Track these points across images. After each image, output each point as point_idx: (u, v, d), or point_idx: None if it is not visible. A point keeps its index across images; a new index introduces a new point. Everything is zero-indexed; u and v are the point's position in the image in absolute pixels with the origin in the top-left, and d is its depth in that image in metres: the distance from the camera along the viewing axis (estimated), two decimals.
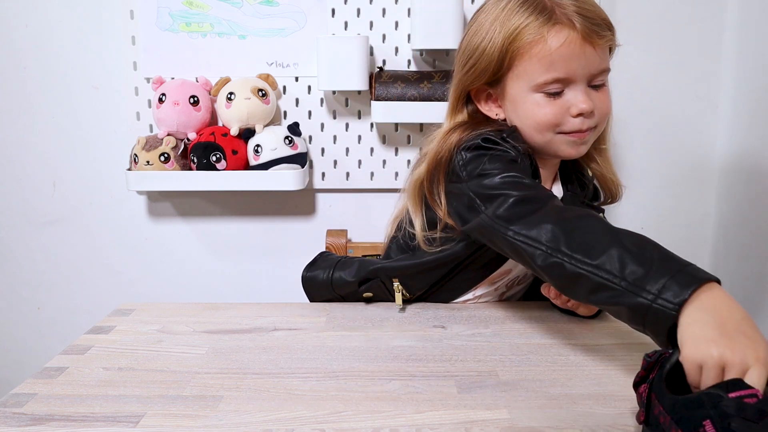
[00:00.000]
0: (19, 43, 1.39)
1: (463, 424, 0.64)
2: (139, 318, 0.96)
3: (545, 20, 0.83)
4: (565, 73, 0.85)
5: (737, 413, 0.48)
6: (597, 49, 0.84)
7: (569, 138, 0.88)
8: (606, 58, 0.87)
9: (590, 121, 0.87)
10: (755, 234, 1.30)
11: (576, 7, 0.83)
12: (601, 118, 0.89)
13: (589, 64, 0.85)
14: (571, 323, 0.91)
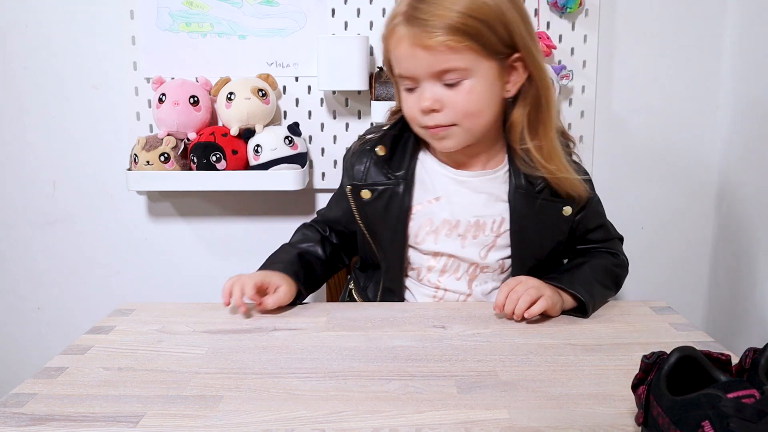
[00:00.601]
0: (19, 43, 1.39)
1: (463, 424, 0.64)
2: (139, 318, 0.96)
3: (389, 22, 0.91)
4: (405, 71, 0.89)
5: (736, 413, 0.48)
6: (429, 51, 0.85)
7: (428, 132, 0.92)
8: (449, 59, 0.86)
9: (441, 118, 0.90)
10: (755, 234, 1.30)
11: (410, 10, 0.86)
12: (457, 115, 0.90)
13: (423, 64, 0.87)
14: (571, 323, 0.92)
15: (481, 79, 0.88)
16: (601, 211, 1.05)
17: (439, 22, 0.84)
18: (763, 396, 0.49)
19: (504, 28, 0.86)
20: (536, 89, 0.91)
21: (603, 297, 0.96)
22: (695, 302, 1.48)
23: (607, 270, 0.99)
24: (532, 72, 0.90)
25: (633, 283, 1.48)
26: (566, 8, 1.32)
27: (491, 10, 0.85)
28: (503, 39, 0.87)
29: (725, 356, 0.58)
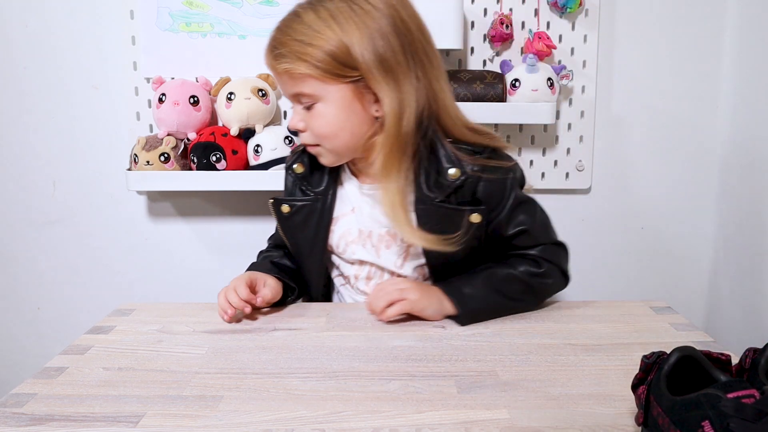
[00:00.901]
0: (19, 43, 1.39)
1: (463, 424, 0.64)
2: (139, 318, 0.96)
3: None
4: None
5: (735, 413, 0.48)
6: (280, 77, 0.90)
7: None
8: (295, 84, 0.88)
9: (306, 137, 0.93)
10: (755, 234, 1.30)
11: (271, 36, 0.90)
12: (315, 137, 0.92)
13: (283, 88, 0.92)
14: (571, 323, 0.92)
15: (330, 102, 0.88)
16: (524, 214, 0.95)
17: (284, 49, 0.87)
18: (763, 396, 0.49)
19: (343, 52, 0.85)
20: (384, 114, 0.88)
21: (498, 306, 0.92)
22: (695, 302, 1.48)
23: (511, 278, 0.93)
24: (378, 95, 0.87)
25: (633, 283, 1.48)
26: (566, 8, 1.32)
27: (328, 36, 0.85)
28: (344, 62, 0.85)
29: (725, 356, 0.58)
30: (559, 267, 0.96)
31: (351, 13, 0.85)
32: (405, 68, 0.87)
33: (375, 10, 0.86)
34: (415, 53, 0.88)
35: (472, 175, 0.91)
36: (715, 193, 1.44)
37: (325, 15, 0.86)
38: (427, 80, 0.89)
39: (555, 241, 0.98)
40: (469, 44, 1.36)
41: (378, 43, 0.85)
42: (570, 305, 0.99)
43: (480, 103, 1.28)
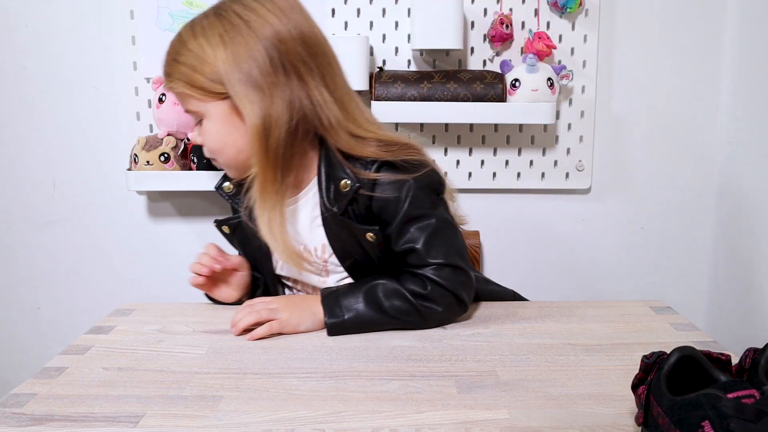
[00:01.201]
0: (19, 43, 1.39)
1: (463, 424, 0.64)
2: (139, 318, 0.96)
3: None
4: None
5: (736, 413, 0.48)
6: (172, 92, 0.92)
7: None
8: (183, 101, 0.91)
9: (205, 152, 0.96)
10: (755, 234, 1.30)
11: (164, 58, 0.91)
12: (210, 152, 0.94)
13: (179, 102, 0.93)
14: (571, 323, 0.92)
15: (212, 118, 0.90)
16: (417, 231, 0.91)
17: (167, 68, 0.91)
18: (763, 396, 0.49)
19: (210, 69, 0.86)
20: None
21: (375, 321, 0.89)
22: (695, 302, 1.48)
23: (398, 295, 0.89)
24: (241, 111, 0.87)
25: (633, 283, 1.48)
26: (566, 8, 1.32)
27: (196, 54, 0.87)
28: (212, 79, 0.87)
29: (725, 356, 0.58)
30: (452, 292, 0.90)
31: (221, 29, 0.86)
32: (274, 83, 0.86)
33: (246, 25, 0.86)
34: (292, 66, 0.87)
35: (362, 193, 0.90)
36: (715, 193, 1.44)
37: (198, 32, 0.87)
38: (305, 93, 0.88)
39: (453, 264, 0.90)
40: (469, 44, 1.36)
41: (243, 60, 0.85)
42: (570, 305, 0.99)
43: (480, 103, 1.28)
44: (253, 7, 0.88)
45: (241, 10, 0.87)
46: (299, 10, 0.91)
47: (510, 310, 0.97)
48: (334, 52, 0.95)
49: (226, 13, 0.87)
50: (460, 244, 0.94)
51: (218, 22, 0.87)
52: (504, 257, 1.47)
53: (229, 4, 0.89)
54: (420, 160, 0.93)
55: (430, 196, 0.94)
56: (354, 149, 0.91)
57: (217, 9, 0.89)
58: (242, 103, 0.86)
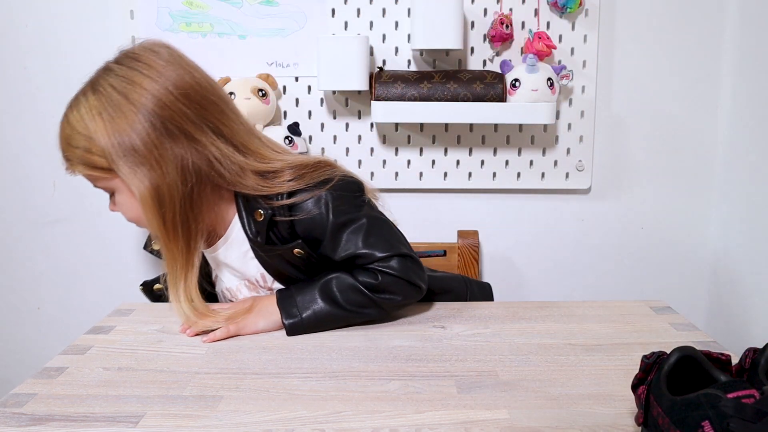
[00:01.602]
0: (19, 43, 1.39)
1: (463, 424, 0.64)
2: (139, 318, 0.96)
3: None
4: None
5: (735, 413, 0.48)
6: (76, 175, 0.92)
7: None
8: (93, 180, 0.91)
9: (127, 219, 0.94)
10: (755, 233, 1.30)
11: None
12: (131, 220, 0.93)
13: (77, 173, 0.92)
14: (571, 323, 0.92)
15: (121, 191, 0.89)
16: (352, 236, 0.91)
17: (64, 154, 0.91)
18: (762, 396, 0.49)
19: (98, 148, 0.85)
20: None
21: (333, 317, 0.90)
22: (695, 302, 1.48)
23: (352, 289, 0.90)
24: (131, 189, 0.86)
25: (633, 283, 1.48)
26: (566, 8, 1.32)
27: (83, 137, 0.86)
28: (106, 157, 0.86)
29: (725, 356, 0.58)
30: (405, 280, 0.91)
31: (100, 107, 0.85)
32: (160, 154, 0.85)
33: (123, 98, 0.85)
34: (179, 129, 0.86)
35: (280, 219, 0.91)
36: (715, 193, 1.44)
37: (82, 113, 0.87)
38: (198, 153, 0.87)
39: (398, 253, 0.91)
40: (469, 44, 1.36)
41: (124, 135, 0.84)
42: (570, 305, 0.99)
43: (480, 103, 1.28)
44: (128, 76, 0.86)
45: (117, 82, 0.86)
46: (178, 62, 0.90)
47: (510, 310, 0.97)
48: (224, 93, 0.94)
49: (103, 89, 0.86)
50: (397, 234, 0.96)
51: (96, 99, 0.86)
52: (504, 257, 1.47)
53: (105, 78, 0.87)
54: (330, 175, 0.94)
55: (351, 199, 0.94)
56: (264, 190, 0.91)
57: (94, 85, 0.87)
58: (129, 179, 0.85)
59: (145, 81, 0.86)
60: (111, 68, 0.88)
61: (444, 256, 1.35)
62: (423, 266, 0.95)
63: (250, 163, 0.91)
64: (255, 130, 0.96)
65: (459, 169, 1.41)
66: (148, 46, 0.90)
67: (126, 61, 0.88)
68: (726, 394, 0.50)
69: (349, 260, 0.92)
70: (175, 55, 0.91)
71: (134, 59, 0.88)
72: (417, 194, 1.43)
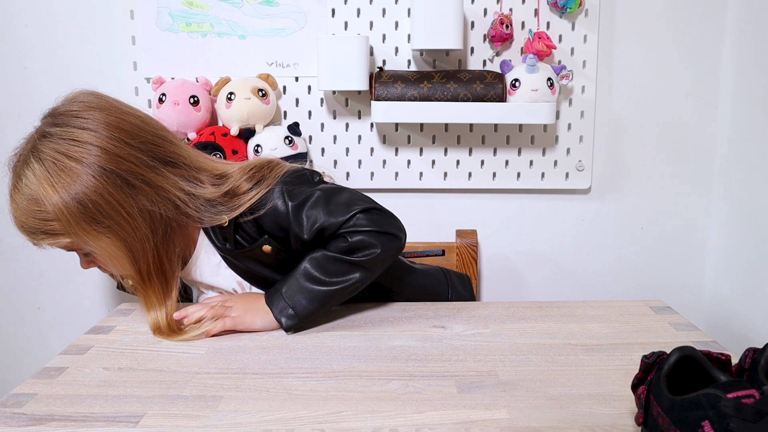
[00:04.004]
0: (19, 43, 1.39)
1: (463, 424, 0.64)
2: (139, 318, 0.96)
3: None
4: None
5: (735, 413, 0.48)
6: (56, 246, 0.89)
7: None
8: (56, 245, 0.88)
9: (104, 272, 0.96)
10: (755, 233, 1.30)
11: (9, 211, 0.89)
12: (111, 273, 0.95)
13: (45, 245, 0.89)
14: (571, 323, 0.92)
15: (96, 248, 0.87)
16: (311, 211, 0.91)
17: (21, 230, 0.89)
18: (762, 396, 0.49)
19: (59, 219, 0.83)
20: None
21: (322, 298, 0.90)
22: (695, 302, 1.48)
23: (329, 260, 0.90)
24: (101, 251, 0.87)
25: (633, 283, 1.48)
26: (566, 8, 1.32)
27: (39, 210, 0.84)
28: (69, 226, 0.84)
29: (725, 356, 0.58)
30: (377, 231, 0.90)
31: (52, 178, 0.82)
32: (127, 212, 0.84)
33: (76, 163, 0.82)
34: (136, 177, 0.85)
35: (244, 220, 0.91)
36: (714, 193, 1.44)
37: (34, 187, 0.83)
38: (162, 198, 0.87)
39: (361, 209, 0.91)
40: (469, 44, 1.36)
41: (85, 203, 0.82)
42: (570, 305, 0.99)
43: (480, 103, 1.28)
44: (70, 136, 0.83)
45: (60, 146, 0.82)
46: (112, 106, 0.88)
47: (510, 310, 0.97)
48: (158, 122, 0.93)
49: (49, 156, 0.82)
50: (357, 194, 0.95)
51: (44, 170, 0.82)
52: (504, 257, 1.47)
53: (46, 144, 0.83)
54: (279, 169, 0.95)
55: (302, 181, 0.95)
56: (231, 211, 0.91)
57: (36, 154, 0.83)
58: (98, 242, 0.85)
59: (88, 136, 0.83)
60: (48, 132, 0.84)
61: (443, 255, 1.36)
62: (394, 216, 0.95)
63: (213, 191, 0.90)
64: (191, 147, 0.97)
65: (459, 169, 1.41)
66: (75, 98, 0.89)
67: (61, 120, 0.85)
68: (726, 394, 0.50)
69: (318, 234, 0.91)
70: (105, 99, 0.89)
71: (68, 116, 0.85)
72: (417, 194, 1.43)
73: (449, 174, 1.41)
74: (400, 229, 0.94)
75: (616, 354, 0.81)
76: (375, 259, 0.91)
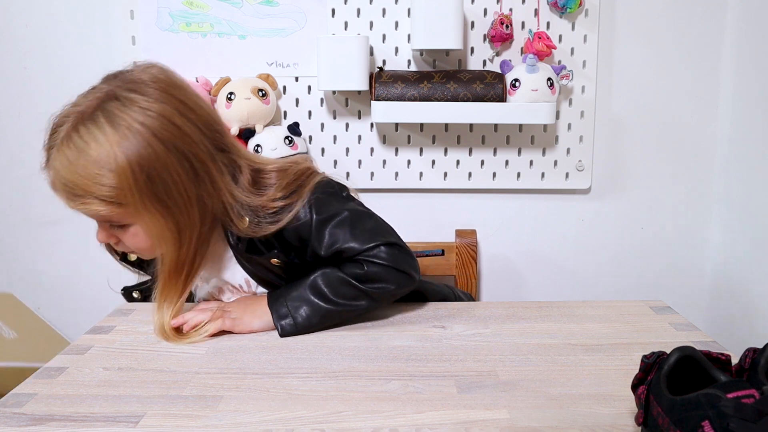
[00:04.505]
0: (19, 43, 1.39)
1: (463, 424, 0.64)
2: (139, 318, 0.96)
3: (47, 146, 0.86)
4: None
5: (735, 413, 0.48)
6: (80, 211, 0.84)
7: None
8: (95, 214, 0.84)
9: (123, 248, 0.91)
10: (755, 233, 1.30)
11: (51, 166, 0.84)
12: (134, 250, 0.90)
13: (83, 214, 0.86)
14: (571, 323, 0.92)
15: (143, 224, 0.84)
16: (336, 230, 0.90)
17: (75, 189, 0.82)
18: (762, 396, 0.49)
19: (125, 185, 0.79)
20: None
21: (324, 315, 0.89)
22: (695, 302, 1.48)
23: (341, 282, 0.89)
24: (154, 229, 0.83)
25: (633, 283, 1.48)
26: (566, 8, 1.32)
27: (108, 170, 0.79)
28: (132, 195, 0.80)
29: (725, 356, 0.58)
30: (394, 267, 0.89)
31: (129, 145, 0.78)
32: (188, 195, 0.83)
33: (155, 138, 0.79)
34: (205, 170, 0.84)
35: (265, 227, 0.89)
36: (714, 193, 1.44)
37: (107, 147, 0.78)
38: (217, 197, 0.86)
39: (385, 242, 0.90)
40: (469, 44, 1.36)
41: (155, 179, 0.80)
42: (570, 305, 0.99)
43: (480, 103, 1.28)
44: (144, 105, 0.79)
45: (135, 113, 0.79)
46: (178, 84, 0.85)
47: (510, 310, 0.97)
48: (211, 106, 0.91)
49: (119, 119, 0.78)
50: (383, 224, 0.94)
51: (114, 132, 0.78)
52: (504, 257, 1.47)
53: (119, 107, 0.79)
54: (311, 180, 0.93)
55: (332, 195, 0.93)
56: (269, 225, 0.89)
57: (108, 114, 0.78)
58: (154, 218, 0.82)
59: (168, 112, 0.80)
60: (123, 96, 0.80)
61: (442, 255, 1.36)
62: (413, 255, 0.94)
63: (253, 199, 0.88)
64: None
65: (459, 169, 1.41)
66: (147, 69, 0.84)
67: (137, 88, 0.81)
68: (726, 394, 0.50)
69: (335, 255, 0.90)
70: (179, 78, 0.86)
71: (145, 86, 0.81)
72: (417, 194, 1.43)
73: (449, 174, 1.41)
74: (416, 269, 0.93)
75: (616, 354, 0.81)
76: (385, 294, 0.91)
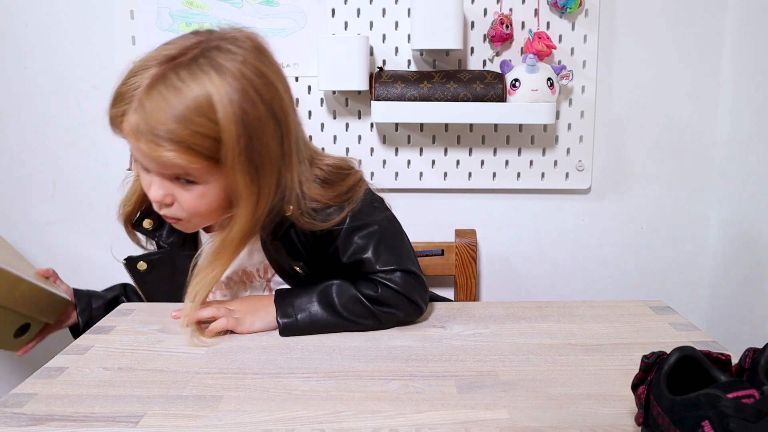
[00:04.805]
0: (19, 43, 1.39)
1: (463, 424, 0.64)
2: (139, 318, 0.96)
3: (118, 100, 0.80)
4: (136, 156, 0.83)
5: (735, 413, 0.48)
6: (158, 160, 0.78)
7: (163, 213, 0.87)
8: (179, 168, 0.79)
9: (169, 211, 0.85)
10: (755, 233, 1.30)
11: (139, 111, 0.76)
12: (185, 213, 0.85)
13: (153, 166, 0.81)
14: (571, 323, 0.92)
15: (214, 184, 0.82)
16: (362, 240, 0.91)
17: (166, 134, 0.75)
18: (762, 396, 0.49)
19: (227, 140, 0.77)
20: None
21: (329, 323, 0.88)
22: (695, 302, 1.48)
23: (353, 299, 0.89)
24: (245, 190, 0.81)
25: (633, 283, 1.48)
26: (566, 8, 1.32)
27: (212, 122, 0.76)
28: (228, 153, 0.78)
29: (725, 356, 0.58)
30: (405, 296, 0.90)
31: (239, 101, 0.76)
32: (272, 167, 0.82)
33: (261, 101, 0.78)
34: (289, 147, 0.83)
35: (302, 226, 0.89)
36: (715, 193, 1.44)
37: (217, 97, 0.76)
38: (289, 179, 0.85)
39: (403, 268, 0.91)
40: (469, 44, 1.36)
41: (255, 141, 0.78)
42: (570, 305, 0.99)
43: (480, 103, 1.28)
44: (252, 62, 0.79)
45: (246, 69, 0.78)
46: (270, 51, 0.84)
47: (510, 311, 0.97)
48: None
49: (237, 79, 0.77)
50: (407, 248, 0.95)
51: (226, 85, 0.76)
52: (504, 257, 1.47)
53: (230, 59, 0.77)
54: (360, 192, 0.93)
55: (369, 206, 0.94)
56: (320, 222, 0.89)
57: (216, 65, 0.76)
58: (243, 180, 0.80)
59: (276, 80, 0.80)
60: (229, 49, 0.78)
61: (442, 255, 1.36)
62: (426, 286, 0.94)
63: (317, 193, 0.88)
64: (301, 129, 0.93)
65: (459, 169, 1.41)
66: (248, 34, 0.82)
67: (243, 45, 0.79)
68: (726, 394, 0.50)
69: (354, 264, 0.91)
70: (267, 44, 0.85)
71: (244, 44, 0.79)
72: (417, 194, 1.43)
73: (449, 174, 1.41)
74: (425, 301, 0.93)
75: (616, 354, 0.81)
76: (392, 319, 0.91)
